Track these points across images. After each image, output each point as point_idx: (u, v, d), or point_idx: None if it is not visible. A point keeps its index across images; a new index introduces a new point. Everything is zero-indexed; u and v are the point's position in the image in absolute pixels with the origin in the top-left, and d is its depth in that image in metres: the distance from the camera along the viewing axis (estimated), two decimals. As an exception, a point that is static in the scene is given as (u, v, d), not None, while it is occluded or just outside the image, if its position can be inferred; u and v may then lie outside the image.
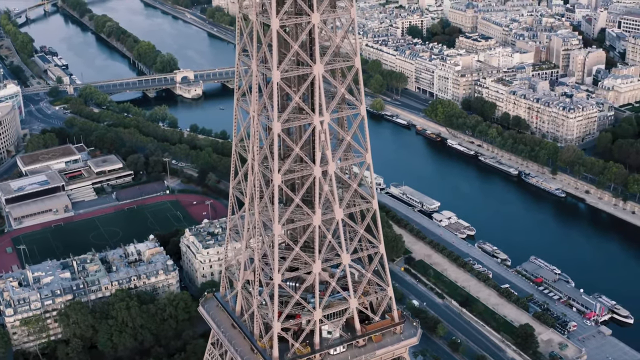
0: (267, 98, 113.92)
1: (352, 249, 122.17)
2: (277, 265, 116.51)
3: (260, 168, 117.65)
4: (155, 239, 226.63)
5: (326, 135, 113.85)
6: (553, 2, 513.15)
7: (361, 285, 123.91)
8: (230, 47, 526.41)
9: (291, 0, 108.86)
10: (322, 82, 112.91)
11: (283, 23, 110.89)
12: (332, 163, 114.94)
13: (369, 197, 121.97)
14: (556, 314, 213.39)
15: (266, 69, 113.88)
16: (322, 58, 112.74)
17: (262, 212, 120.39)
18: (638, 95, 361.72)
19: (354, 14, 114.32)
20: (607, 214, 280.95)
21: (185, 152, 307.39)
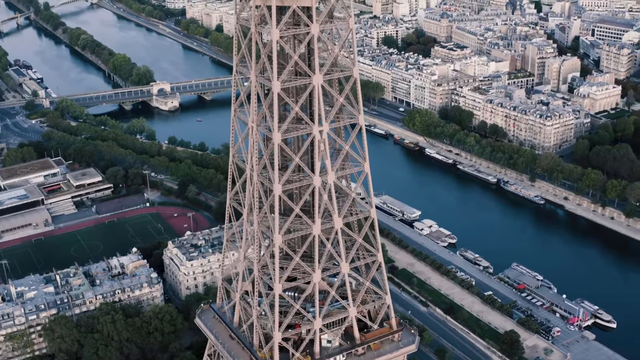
0: (266, 108, 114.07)
1: (351, 258, 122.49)
2: (278, 275, 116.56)
3: (260, 178, 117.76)
4: (138, 251, 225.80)
5: (325, 145, 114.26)
6: (527, 11, 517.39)
7: (360, 294, 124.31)
8: (205, 59, 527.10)
9: (291, 11, 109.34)
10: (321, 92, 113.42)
11: (283, 34, 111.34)
12: (332, 172, 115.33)
13: (366, 205, 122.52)
14: (540, 319, 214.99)
15: (265, 80, 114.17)
16: (321, 68, 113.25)
17: (261, 223, 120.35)
18: (613, 102, 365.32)
19: (352, 24, 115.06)
20: (586, 220, 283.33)
21: (164, 164, 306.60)
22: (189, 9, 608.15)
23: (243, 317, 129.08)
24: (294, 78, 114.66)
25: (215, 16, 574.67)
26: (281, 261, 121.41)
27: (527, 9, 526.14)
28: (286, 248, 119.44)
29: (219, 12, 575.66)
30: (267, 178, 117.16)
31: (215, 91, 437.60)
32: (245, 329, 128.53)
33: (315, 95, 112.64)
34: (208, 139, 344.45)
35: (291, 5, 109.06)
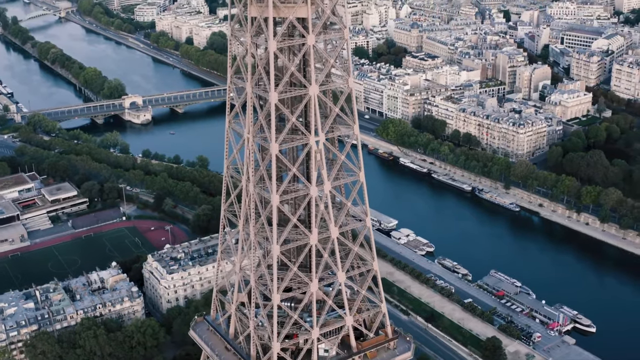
0: (263, 119, 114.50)
1: (347, 267, 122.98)
2: (276, 286, 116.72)
3: (256, 189, 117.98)
4: (117, 266, 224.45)
5: (322, 155, 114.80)
6: (496, 21, 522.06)
7: (356, 303, 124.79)
8: (176, 72, 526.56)
9: (288, 22, 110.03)
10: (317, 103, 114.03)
11: (279, 45, 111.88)
12: (328, 182, 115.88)
13: (362, 215, 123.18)
14: (520, 325, 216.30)
15: (262, 91, 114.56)
16: (317, 79, 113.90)
17: (258, 233, 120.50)
18: (584, 109, 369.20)
19: (347, 35, 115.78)
20: (561, 226, 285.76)
21: (139, 177, 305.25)
22: (159, 22, 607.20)
23: (239, 328, 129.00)
24: (289, 89, 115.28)
25: (185, 29, 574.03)
26: (278, 272, 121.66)
27: (496, 18, 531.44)
28: (284, 258, 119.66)
29: (189, 24, 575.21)
30: (264, 189, 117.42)
31: (187, 104, 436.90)
32: (242, 340, 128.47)
33: (311, 106, 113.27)
34: (182, 151, 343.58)
35: (287, 16, 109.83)
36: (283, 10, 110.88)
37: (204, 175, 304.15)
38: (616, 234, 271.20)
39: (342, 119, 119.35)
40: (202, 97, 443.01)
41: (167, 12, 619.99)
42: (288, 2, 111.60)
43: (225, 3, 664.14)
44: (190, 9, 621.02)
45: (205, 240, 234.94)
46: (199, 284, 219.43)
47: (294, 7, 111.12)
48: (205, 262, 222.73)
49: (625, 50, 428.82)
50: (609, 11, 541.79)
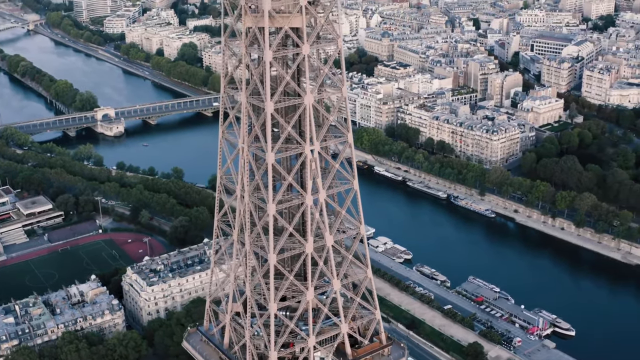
0: (258, 129, 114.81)
1: (342, 275, 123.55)
2: (273, 295, 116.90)
3: (251, 198, 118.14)
4: (97, 279, 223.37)
5: (317, 164, 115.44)
6: (465, 29, 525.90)
7: (351, 310, 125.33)
8: (147, 83, 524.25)
9: (283, 32, 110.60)
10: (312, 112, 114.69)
11: (274, 55, 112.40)
12: (323, 191, 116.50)
13: (356, 222, 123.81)
14: (500, 330, 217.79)
15: (257, 101, 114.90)
16: (312, 88, 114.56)
17: (253, 243, 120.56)
18: (556, 115, 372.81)
19: (341, 44, 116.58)
20: (536, 231, 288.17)
21: (115, 190, 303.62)
22: (129, 34, 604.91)
23: (234, 338, 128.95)
24: (284, 98, 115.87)
25: (155, 40, 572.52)
26: (268, 280, 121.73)
27: (466, 26, 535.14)
28: (280, 267, 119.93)
29: (159, 36, 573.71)
30: (259, 198, 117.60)
31: (160, 115, 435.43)
32: (237, 350, 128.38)
33: (306, 115, 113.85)
34: (156, 163, 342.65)
35: (282, 26, 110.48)
36: (278, 21, 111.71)
37: (180, 186, 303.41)
38: (591, 238, 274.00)
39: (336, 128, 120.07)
40: (175, 109, 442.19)
41: (136, 24, 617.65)
42: (283, 12, 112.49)
43: (195, 14, 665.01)
44: (160, 21, 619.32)
45: (184, 251, 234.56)
46: (180, 296, 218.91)
47: (289, 17, 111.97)
48: (185, 273, 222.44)
49: (594, 56, 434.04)
50: (578, 18, 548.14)
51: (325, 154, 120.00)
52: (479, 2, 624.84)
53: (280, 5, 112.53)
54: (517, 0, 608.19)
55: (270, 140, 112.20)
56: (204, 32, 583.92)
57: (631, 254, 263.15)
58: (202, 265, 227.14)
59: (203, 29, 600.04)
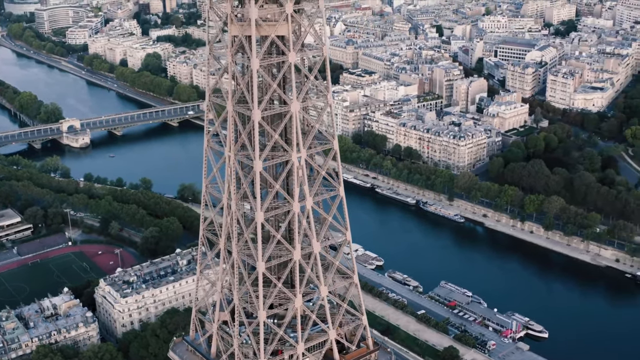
0: (245, 137, 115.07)
1: (329, 281, 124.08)
2: (262, 303, 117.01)
3: (238, 207, 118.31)
4: (69, 291, 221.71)
5: (304, 171, 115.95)
6: (429, 35, 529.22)
7: (338, 316, 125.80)
8: (112, 94, 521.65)
9: (269, 40, 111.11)
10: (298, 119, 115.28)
11: (261, 63, 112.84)
12: (310, 198, 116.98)
13: (342, 229, 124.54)
14: (475, 334, 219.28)
15: (243, 109, 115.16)
16: (298, 96, 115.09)
17: (241, 251, 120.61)
18: (521, 120, 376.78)
19: (326, 52, 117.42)
20: (506, 235, 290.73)
21: (83, 201, 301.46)
22: (91, 45, 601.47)
23: (222, 347, 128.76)
24: (270, 106, 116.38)
25: (118, 51, 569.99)
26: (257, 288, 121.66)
27: (429, 33, 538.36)
28: (268, 275, 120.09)
29: (123, 46, 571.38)
30: (246, 206, 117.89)
31: (125, 126, 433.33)
32: (225, 358, 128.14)
33: (293, 123, 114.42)
34: (124, 174, 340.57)
35: (269, 34, 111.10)
36: (265, 29, 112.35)
37: (149, 197, 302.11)
38: (560, 240, 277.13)
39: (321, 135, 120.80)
40: (140, 119, 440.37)
41: (99, 35, 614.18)
42: (269, 20, 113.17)
43: (157, 25, 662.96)
44: (123, 31, 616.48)
45: (156, 262, 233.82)
46: (154, 307, 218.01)
47: (275, 25, 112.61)
48: (159, 284, 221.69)
49: (558, 61, 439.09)
50: (540, 23, 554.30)
51: (312, 161, 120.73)
52: (441, 9, 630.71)
53: (266, 13, 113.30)
54: (479, 7, 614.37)
55: (257, 149, 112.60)
56: (167, 42, 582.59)
57: (600, 256, 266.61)
58: (175, 275, 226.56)
59: (166, 38, 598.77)
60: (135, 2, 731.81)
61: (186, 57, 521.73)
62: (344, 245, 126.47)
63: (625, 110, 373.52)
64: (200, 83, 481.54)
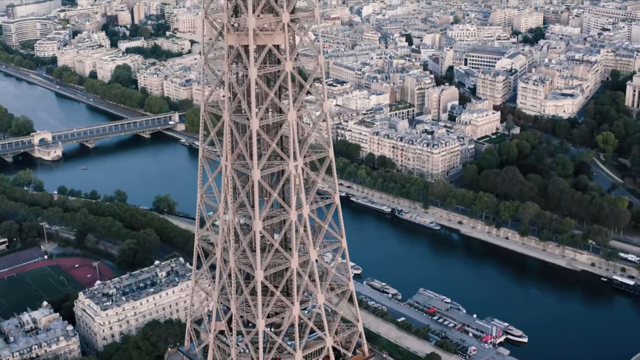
0: (243, 146, 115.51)
1: (326, 289, 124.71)
2: (261, 311, 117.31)
3: (236, 216, 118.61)
4: (49, 305, 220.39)
5: (300, 180, 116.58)
6: (399, 44, 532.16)
7: (334, 323, 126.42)
8: (82, 107, 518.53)
9: (267, 50, 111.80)
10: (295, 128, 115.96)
11: (259, 73, 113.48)
12: (307, 206, 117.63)
13: (338, 236, 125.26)
14: (455, 340, 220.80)
15: (241, 118, 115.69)
16: (295, 105, 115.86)
17: (238, 260, 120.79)
18: (493, 127, 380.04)
19: (322, 60, 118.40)
20: (481, 241, 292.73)
21: (58, 215, 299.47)
22: (60, 57, 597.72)
23: (218, 356, 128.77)
24: (266, 115, 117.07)
25: (88, 63, 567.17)
26: (255, 297, 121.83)
27: (399, 42, 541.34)
28: (267, 283, 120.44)
29: (92, 58, 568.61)
30: (245, 215, 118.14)
31: (97, 138, 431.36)
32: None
33: (290, 131, 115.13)
34: (98, 186, 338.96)
35: (265, 44, 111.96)
36: (262, 38, 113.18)
37: (125, 209, 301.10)
38: (536, 246, 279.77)
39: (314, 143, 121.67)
40: (112, 131, 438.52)
41: (68, 47, 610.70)
42: (266, 30, 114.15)
43: (126, 36, 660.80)
44: (92, 43, 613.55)
45: (135, 274, 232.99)
46: (134, 319, 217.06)
47: (272, 34, 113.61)
48: (139, 296, 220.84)
49: (527, 68, 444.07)
50: (508, 31, 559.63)
51: (308, 170, 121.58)
52: (409, 18, 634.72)
53: (263, 23, 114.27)
54: (447, 16, 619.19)
55: (256, 158, 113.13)
56: (136, 53, 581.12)
57: (576, 260, 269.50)
58: (155, 287, 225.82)
59: (135, 50, 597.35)
60: (103, 14, 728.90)
61: (156, 69, 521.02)
62: (339, 253, 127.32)
63: (595, 116, 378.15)
64: (172, 94, 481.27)
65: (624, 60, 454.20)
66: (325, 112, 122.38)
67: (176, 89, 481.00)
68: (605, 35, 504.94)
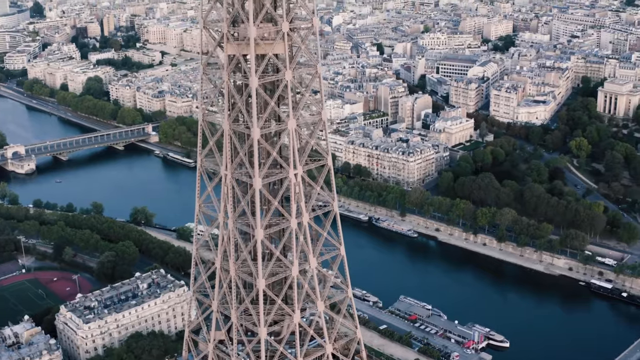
0: (244, 156, 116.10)
1: (325, 296, 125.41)
2: (263, 320, 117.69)
3: (236, 224, 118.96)
4: (30, 319, 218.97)
5: (300, 188, 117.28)
6: (370, 54, 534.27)
7: (334, 330, 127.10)
8: (54, 119, 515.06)
9: (267, 59, 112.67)
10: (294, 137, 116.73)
11: (260, 82, 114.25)
12: (306, 214, 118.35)
13: (336, 243, 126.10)
14: (438, 346, 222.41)
15: (241, 128, 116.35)
16: (294, 113, 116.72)
17: (239, 269, 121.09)
18: (467, 134, 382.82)
19: (320, 69, 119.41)
20: (459, 248, 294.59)
21: (35, 228, 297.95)
22: (31, 69, 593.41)
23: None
24: (266, 124, 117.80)
25: (59, 75, 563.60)
26: (257, 306, 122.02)
27: (370, 51, 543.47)
28: (269, 292, 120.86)
29: (63, 70, 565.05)
30: (245, 224, 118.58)
31: (71, 151, 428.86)
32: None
33: (290, 140, 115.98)
34: (73, 199, 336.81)
35: (266, 53, 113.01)
36: (263, 47, 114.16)
37: (102, 221, 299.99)
38: (513, 251, 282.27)
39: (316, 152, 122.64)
40: (86, 144, 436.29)
41: (38, 59, 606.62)
42: (266, 39, 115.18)
43: (96, 48, 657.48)
44: (62, 55, 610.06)
45: (117, 286, 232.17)
46: (117, 332, 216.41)
47: (272, 43, 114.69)
48: (121, 308, 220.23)
49: (499, 76, 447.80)
50: (478, 39, 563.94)
51: (308, 178, 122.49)
52: (380, 27, 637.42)
53: (263, 32, 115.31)
54: (417, 25, 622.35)
55: (257, 167, 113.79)
56: (107, 65, 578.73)
57: (553, 265, 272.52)
58: (137, 299, 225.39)
59: (106, 62, 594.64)
60: (73, 26, 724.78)
61: (128, 81, 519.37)
62: (338, 260, 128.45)
63: (568, 122, 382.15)
64: (144, 106, 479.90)
65: (594, 67, 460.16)
66: (324, 120, 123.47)
67: (149, 101, 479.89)
68: (574, 42, 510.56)
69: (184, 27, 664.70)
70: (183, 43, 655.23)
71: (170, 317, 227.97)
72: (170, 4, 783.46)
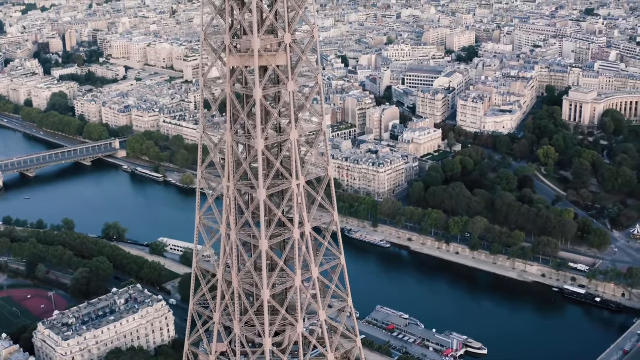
0: (247, 167, 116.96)
1: (327, 305, 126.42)
2: (268, 331, 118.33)
3: (239, 236, 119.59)
4: (8, 337, 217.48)
5: (303, 198, 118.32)
6: (335, 66, 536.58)
7: (335, 339, 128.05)
8: (18, 136, 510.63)
9: (271, 70, 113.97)
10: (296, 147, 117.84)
11: (263, 93, 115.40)
12: (308, 224, 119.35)
13: (336, 253, 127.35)
14: (417, 355, 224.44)
15: (244, 139, 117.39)
16: (297, 124, 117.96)
17: (242, 280, 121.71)
18: (435, 145, 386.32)
19: (320, 80, 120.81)
20: (432, 257, 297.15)
21: (6, 245, 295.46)
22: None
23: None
24: (268, 135, 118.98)
25: (23, 91, 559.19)
26: (260, 317, 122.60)
27: (335, 63, 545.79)
28: (274, 303, 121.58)
29: (27, 86, 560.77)
30: (247, 235, 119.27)
31: (38, 167, 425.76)
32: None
33: (292, 150, 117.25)
34: (43, 216, 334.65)
35: (268, 64, 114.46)
36: (265, 59, 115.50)
37: (75, 238, 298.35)
38: (486, 259, 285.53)
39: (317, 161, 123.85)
40: (53, 160, 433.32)
41: (1, 75, 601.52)
42: (268, 50, 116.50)
43: (59, 63, 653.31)
44: (25, 71, 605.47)
45: (94, 303, 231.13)
46: (96, 348, 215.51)
47: (275, 55, 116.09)
48: (99, 325, 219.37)
49: (465, 86, 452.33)
50: (442, 50, 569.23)
51: (310, 188, 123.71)
52: (344, 39, 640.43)
53: (266, 44, 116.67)
54: (380, 37, 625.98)
55: (262, 178, 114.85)
56: (71, 80, 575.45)
57: (526, 272, 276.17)
58: (115, 315, 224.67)
59: (69, 77, 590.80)
60: (34, 41, 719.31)
61: (94, 96, 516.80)
62: (338, 270, 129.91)
63: (535, 131, 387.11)
64: (110, 121, 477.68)
65: (558, 76, 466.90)
66: (324, 130, 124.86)
67: (115, 116, 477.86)
68: (537, 52, 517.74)
69: (147, 41, 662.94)
70: (147, 57, 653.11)
71: (149, 332, 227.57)
72: (132, 18, 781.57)
